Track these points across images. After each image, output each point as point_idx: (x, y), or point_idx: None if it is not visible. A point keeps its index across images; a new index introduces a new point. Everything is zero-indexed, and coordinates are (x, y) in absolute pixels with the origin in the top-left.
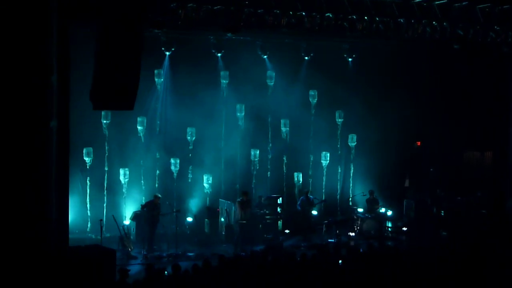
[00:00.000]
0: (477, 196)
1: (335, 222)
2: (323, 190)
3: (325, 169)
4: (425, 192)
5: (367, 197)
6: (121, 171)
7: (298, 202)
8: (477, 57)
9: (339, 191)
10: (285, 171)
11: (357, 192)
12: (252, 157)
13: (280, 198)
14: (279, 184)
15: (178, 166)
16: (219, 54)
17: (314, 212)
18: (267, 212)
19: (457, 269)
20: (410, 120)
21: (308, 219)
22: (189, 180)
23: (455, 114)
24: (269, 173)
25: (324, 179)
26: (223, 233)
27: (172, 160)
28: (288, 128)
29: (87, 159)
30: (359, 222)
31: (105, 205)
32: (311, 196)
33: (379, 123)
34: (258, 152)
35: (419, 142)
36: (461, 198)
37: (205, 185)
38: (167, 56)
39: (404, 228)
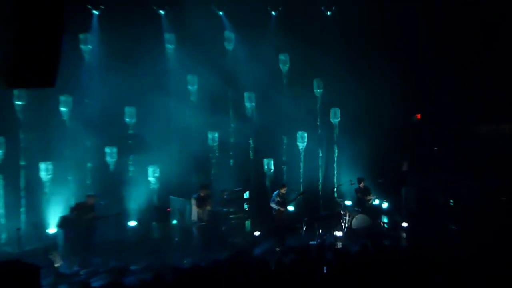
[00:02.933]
0: (494, 180)
1: (317, 219)
2: (301, 180)
3: (303, 153)
4: (429, 178)
5: (356, 187)
6: (42, 166)
7: (272, 197)
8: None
9: (321, 180)
10: (252, 158)
11: (344, 181)
12: (210, 141)
13: (247, 192)
14: (245, 175)
15: (116, 156)
16: (162, 12)
17: (291, 208)
18: (231, 210)
19: (470, 272)
20: (407, 88)
21: (284, 217)
22: (130, 174)
23: (463, 78)
24: (232, 160)
25: (301, 165)
26: (177, 238)
27: (107, 149)
28: (254, 103)
29: None
30: (347, 218)
31: (22, 209)
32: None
33: (368, 94)
34: (217, 135)
35: (419, 115)
36: (474, 183)
37: (151, 179)
38: (95, 16)
39: (404, 224)
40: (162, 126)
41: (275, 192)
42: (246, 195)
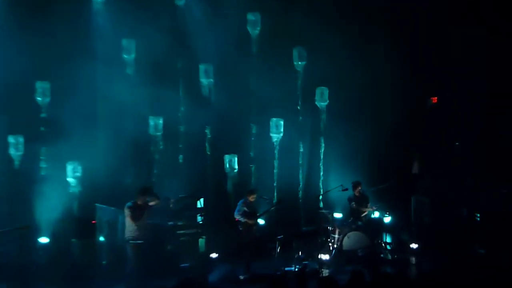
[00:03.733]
0: None
1: (296, 237)
2: (275, 184)
3: (278, 148)
4: (447, 183)
5: (349, 194)
6: None
7: (237, 207)
8: None
9: (301, 185)
10: (209, 153)
11: (333, 186)
12: (151, 131)
13: (201, 200)
14: (200, 176)
15: (22, 149)
16: None
17: (261, 222)
18: (180, 224)
19: None
20: (418, 64)
21: (252, 233)
22: (43, 172)
23: (495, 49)
24: (181, 156)
25: (276, 164)
26: (104, 262)
27: (10, 139)
28: (212, 80)
29: None
30: (336, 236)
31: None
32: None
33: (366, 70)
34: (161, 121)
35: (435, 98)
36: (507, 190)
37: (71, 180)
38: None
39: (413, 245)
40: (86, 108)
41: (241, 201)
42: (200, 203)
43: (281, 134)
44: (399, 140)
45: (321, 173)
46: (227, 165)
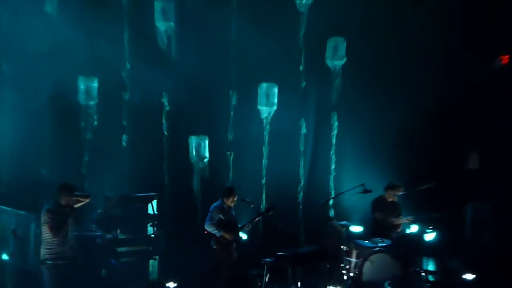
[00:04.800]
0: None
1: (294, 259)
2: (264, 181)
3: (268, 128)
4: None
5: (376, 197)
6: None
7: (209, 215)
8: None
9: (302, 183)
10: (166, 133)
11: (349, 185)
12: (81, 98)
13: (154, 203)
14: (153, 167)
15: None
16: None
17: (243, 236)
18: (122, 238)
19: None
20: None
21: (229, 254)
22: None
23: None
24: (125, 137)
25: (265, 152)
26: None
27: None
28: (172, 24)
29: None
30: (353, 260)
31: None
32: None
33: (398, 12)
34: (95, 84)
35: (507, 57)
36: None
37: None
38: None
39: (468, 275)
40: None
41: (214, 205)
42: (152, 208)
43: (274, 107)
44: (447, 121)
45: (332, 166)
46: (194, 152)
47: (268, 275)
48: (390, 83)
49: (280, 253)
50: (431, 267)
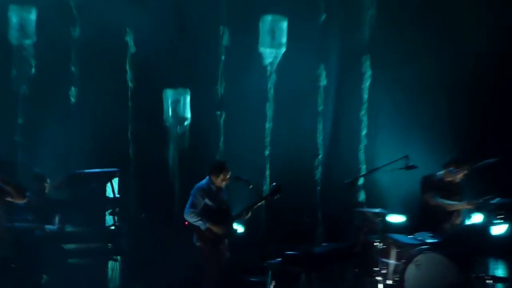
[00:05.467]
0: None
1: (308, 261)
2: (267, 154)
3: (274, 78)
4: None
5: (426, 176)
6: None
7: (191, 200)
8: None
9: (321, 156)
10: (131, 85)
11: (387, 159)
12: (13, 38)
13: (115, 182)
14: (112, 133)
15: None
16: None
17: (239, 229)
18: (69, 230)
19: None
20: None
21: (219, 253)
22: None
23: None
24: (74, 91)
25: (269, 113)
26: None
27: None
28: None
29: None
30: (393, 261)
31: None
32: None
33: None
34: (32, 16)
35: None
36: None
37: None
38: None
39: None
40: None
41: (199, 185)
42: (112, 188)
43: (282, 50)
44: None
45: (363, 132)
46: (170, 112)
47: (273, 284)
48: (443, 14)
49: (290, 252)
50: (500, 272)
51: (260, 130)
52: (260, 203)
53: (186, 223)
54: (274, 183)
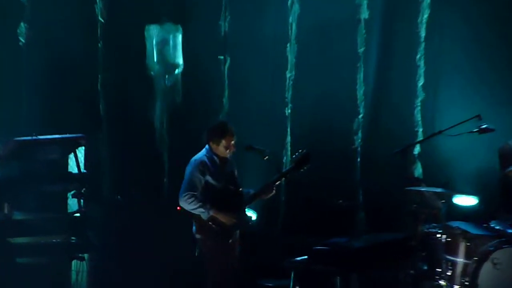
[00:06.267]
0: None
1: (345, 259)
2: (288, 111)
3: (296, 8)
4: None
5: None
6: None
7: (187, 177)
8: None
9: (361, 115)
10: (102, 20)
11: (453, 119)
12: None
13: (81, 151)
14: (78, 85)
15: None
16: None
17: (251, 216)
18: (15, 218)
19: None
20: None
21: (225, 249)
22: None
23: None
24: (23, 28)
25: (290, 58)
26: None
27: None
28: None
29: None
30: (461, 260)
31: None
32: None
33: None
34: None
35: None
36: None
37: None
38: None
39: None
40: None
41: (197, 157)
42: (76, 161)
43: None
44: None
45: (419, 83)
46: (155, 56)
47: None
48: None
49: (320, 247)
50: None
51: (279, 81)
52: (280, 180)
53: (179, 208)
54: (300, 150)
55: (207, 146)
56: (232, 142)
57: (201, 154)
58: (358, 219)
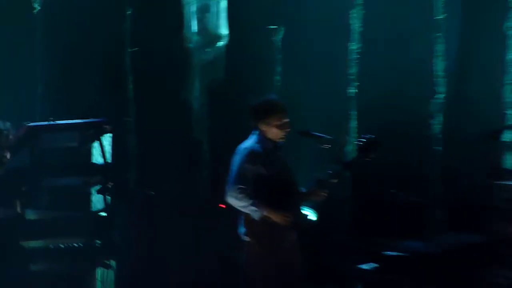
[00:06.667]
0: None
1: (423, 268)
2: (353, 91)
3: None
4: None
5: None
6: None
7: (235, 170)
8: None
9: (444, 95)
10: None
11: None
12: None
13: (107, 138)
14: (104, 58)
15: None
16: None
17: (310, 216)
18: (28, 218)
19: None
20: None
21: (279, 257)
22: None
23: None
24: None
25: (352, 29)
26: None
27: None
28: None
29: None
30: None
31: None
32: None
33: None
34: None
35: None
36: None
37: None
38: None
39: None
40: None
41: (246, 145)
42: (102, 149)
43: None
44: None
45: (508, 56)
46: (194, 25)
47: None
48: None
49: (391, 252)
50: None
51: (341, 55)
52: (344, 172)
53: (222, 205)
54: (368, 136)
55: (256, 132)
56: (285, 121)
57: (251, 140)
58: (435, 218)
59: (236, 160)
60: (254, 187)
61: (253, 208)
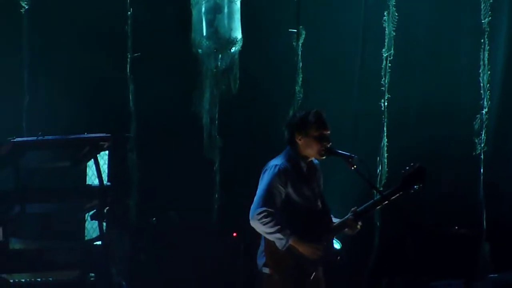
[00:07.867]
0: None
1: None
2: (384, 103)
3: None
4: None
5: None
6: None
7: (263, 192)
8: None
9: (485, 109)
10: None
11: None
12: None
13: (104, 156)
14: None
15: None
16: None
17: (336, 245)
18: (13, 247)
19: None
20: None
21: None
22: None
23: None
24: None
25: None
26: None
27: None
28: None
29: None
30: None
31: None
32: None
33: None
34: None
35: None
36: None
37: None
38: None
39: None
40: None
41: (275, 162)
42: (97, 168)
43: None
44: None
45: None
46: (204, 29)
47: None
48: None
49: None
50: None
51: (372, 63)
52: (383, 204)
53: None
54: (412, 164)
55: (288, 147)
56: (326, 131)
57: (282, 158)
58: (481, 252)
59: (264, 178)
60: (282, 211)
61: (279, 235)
